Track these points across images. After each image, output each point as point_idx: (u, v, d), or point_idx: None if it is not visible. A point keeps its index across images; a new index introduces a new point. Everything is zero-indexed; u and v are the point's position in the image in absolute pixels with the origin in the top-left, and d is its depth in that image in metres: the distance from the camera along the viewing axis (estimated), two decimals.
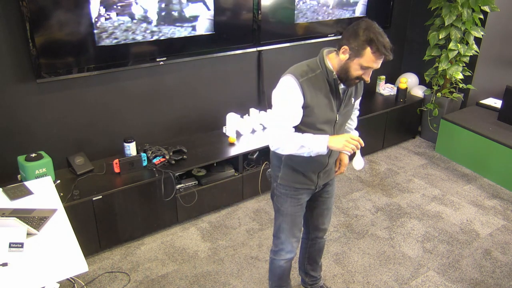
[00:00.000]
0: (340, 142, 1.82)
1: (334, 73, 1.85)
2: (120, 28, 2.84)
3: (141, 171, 3.00)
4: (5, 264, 1.68)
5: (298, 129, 1.90)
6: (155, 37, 3.03)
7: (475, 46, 4.06)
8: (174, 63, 3.27)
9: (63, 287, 2.57)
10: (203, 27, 3.23)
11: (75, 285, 2.60)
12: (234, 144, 3.43)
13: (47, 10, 2.55)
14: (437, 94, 4.36)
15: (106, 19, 2.76)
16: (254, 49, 3.63)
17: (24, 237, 1.77)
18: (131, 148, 3.05)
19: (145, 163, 3.04)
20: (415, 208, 3.48)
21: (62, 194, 2.64)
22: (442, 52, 4.13)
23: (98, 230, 2.80)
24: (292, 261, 2.32)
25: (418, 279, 2.75)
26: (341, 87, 1.91)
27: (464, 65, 4.17)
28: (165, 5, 2.98)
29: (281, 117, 1.85)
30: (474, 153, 4.01)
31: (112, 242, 2.93)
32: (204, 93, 3.57)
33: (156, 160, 3.08)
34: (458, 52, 4.05)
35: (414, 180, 3.91)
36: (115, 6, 2.77)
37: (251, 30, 3.50)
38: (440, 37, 4.05)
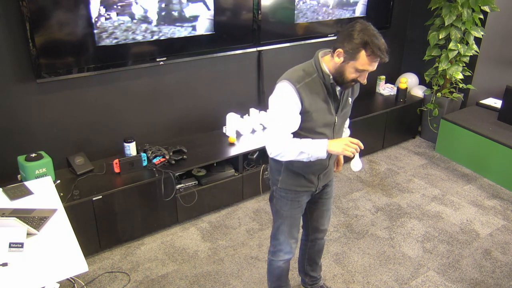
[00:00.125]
0: (340, 146, 1.80)
1: (331, 77, 1.82)
2: (120, 28, 2.84)
3: (141, 171, 3.00)
4: (5, 264, 1.68)
5: (297, 134, 1.87)
6: (155, 37, 3.03)
7: (475, 46, 4.06)
8: (174, 63, 3.27)
9: (63, 287, 2.57)
10: (203, 27, 3.23)
11: (75, 285, 2.60)
12: (234, 144, 3.43)
13: (47, 10, 2.55)
14: (437, 94, 4.36)
15: (106, 19, 2.76)
16: (254, 49, 3.63)
17: (24, 237, 1.77)
18: (131, 148, 3.05)
19: (145, 163, 3.04)
20: (415, 208, 3.48)
21: (62, 194, 2.64)
22: (442, 52, 4.12)
23: (98, 230, 2.80)
24: (290, 261, 2.32)
25: (418, 279, 2.75)
26: (338, 89, 1.89)
27: (464, 65, 4.17)
28: (165, 5, 2.98)
29: (279, 124, 1.82)
30: (474, 153, 4.01)
31: (112, 242, 2.93)
32: (204, 93, 3.57)
33: (156, 160, 3.08)
34: (458, 52, 4.04)
35: (414, 180, 3.91)
36: (115, 6, 2.77)
37: (251, 30, 3.50)
38: (440, 37, 4.05)
